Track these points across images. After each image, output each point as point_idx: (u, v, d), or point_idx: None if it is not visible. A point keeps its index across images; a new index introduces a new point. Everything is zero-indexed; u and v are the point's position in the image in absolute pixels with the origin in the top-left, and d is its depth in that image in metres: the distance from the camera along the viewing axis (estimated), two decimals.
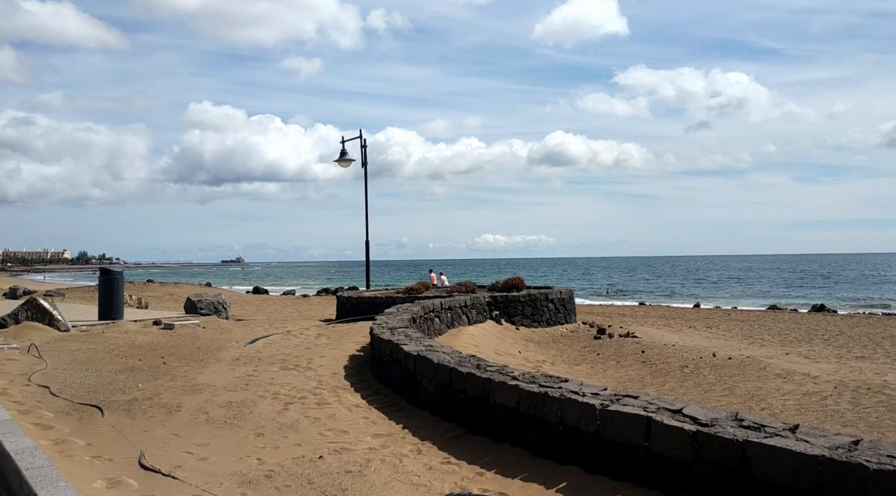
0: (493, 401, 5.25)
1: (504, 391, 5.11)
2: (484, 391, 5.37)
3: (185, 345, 12.31)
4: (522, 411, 4.89)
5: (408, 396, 6.88)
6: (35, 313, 13.66)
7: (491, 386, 5.27)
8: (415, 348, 6.98)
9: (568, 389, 4.80)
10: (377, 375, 8.28)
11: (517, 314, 16.63)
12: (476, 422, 5.50)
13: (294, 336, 14.06)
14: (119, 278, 16.31)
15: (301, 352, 11.22)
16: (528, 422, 4.84)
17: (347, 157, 22.04)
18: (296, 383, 8.18)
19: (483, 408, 5.38)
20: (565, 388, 4.84)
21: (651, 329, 18.10)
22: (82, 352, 11.28)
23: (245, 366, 9.77)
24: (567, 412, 4.50)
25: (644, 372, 11.98)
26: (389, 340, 7.65)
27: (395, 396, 7.20)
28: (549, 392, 4.71)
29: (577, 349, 14.67)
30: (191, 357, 10.82)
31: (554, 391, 4.73)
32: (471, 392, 5.57)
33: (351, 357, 10.41)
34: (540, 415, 4.72)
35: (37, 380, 8.55)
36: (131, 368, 9.57)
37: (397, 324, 9.71)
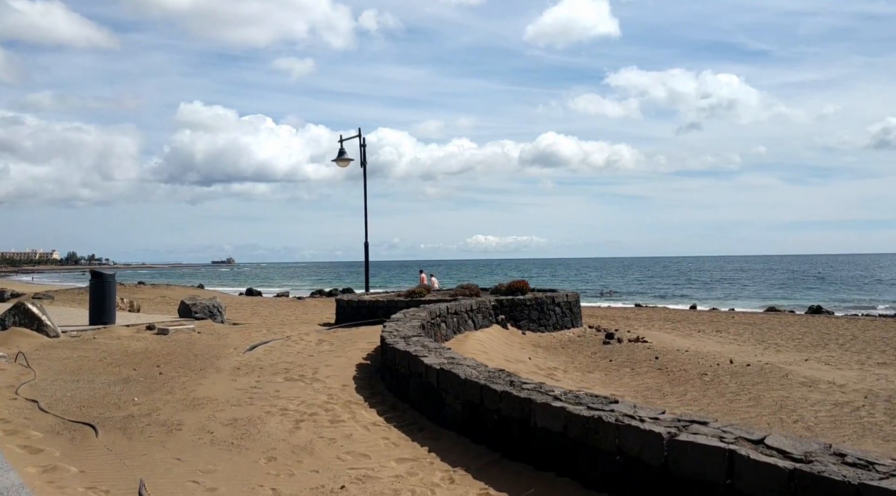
0: (534, 424, 4.72)
1: (548, 413, 4.59)
2: (523, 412, 4.84)
3: (180, 353, 11.75)
4: (571, 437, 4.36)
5: (429, 414, 6.34)
6: (23, 318, 13.05)
7: (532, 407, 4.75)
8: (436, 361, 6.45)
9: (622, 413, 4.28)
10: (391, 388, 7.75)
11: (523, 318, 16.12)
12: (513, 447, 4.97)
13: (294, 342, 13.50)
14: (111, 282, 15.71)
15: (304, 361, 10.67)
16: (579, 449, 4.31)
17: (346, 157, 21.48)
18: (304, 397, 7.63)
19: (522, 431, 4.85)
20: (618, 411, 4.32)
21: (660, 333, 17.62)
22: (73, 360, 10.70)
23: (247, 377, 9.22)
24: (627, 440, 3.98)
25: (662, 380, 11.49)
26: (406, 351, 7.11)
27: (415, 413, 6.67)
28: (603, 416, 4.19)
29: (587, 355, 14.17)
30: (188, 366, 10.26)
31: (607, 415, 4.21)
32: (506, 412, 5.04)
33: (358, 366, 9.87)
34: (593, 442, 4.19)
35: (24, 393, 7.97)
36: (125, 379, 9.01)
37: (409, 331, 9.18)
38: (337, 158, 21.55)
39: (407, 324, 10.25)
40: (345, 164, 21.64)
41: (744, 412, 9.22)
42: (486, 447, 5.29)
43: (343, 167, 21.69)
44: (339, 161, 21.59)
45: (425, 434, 6.00)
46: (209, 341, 13.55)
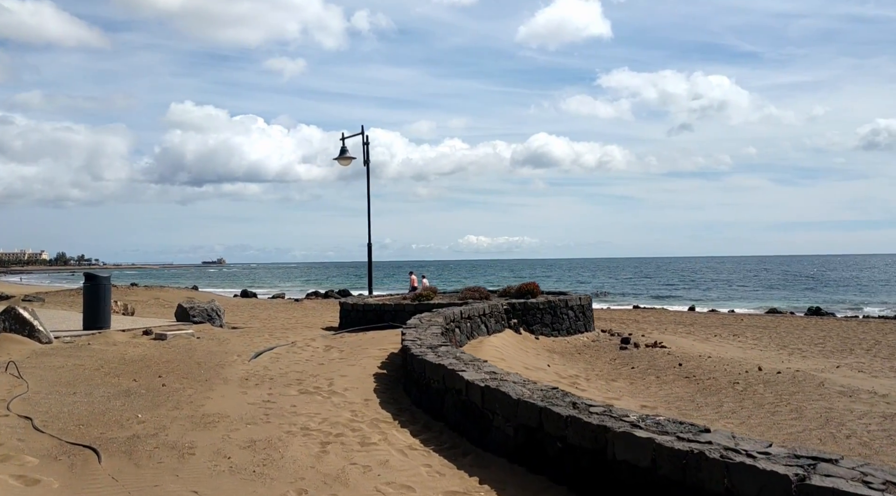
0: (611, 457, 4.08)
1: (630, 444, 3.96)
2: (596, 442, 4.21)
3: (181, 360, 11.08)
4: (662, 474, 3.73)
5: (472, 436, 5.69)
6: (14, 324, 12.33)
7: (609, 436, 4.11)
8: (477, 376, 5.81)
9: (722, 445, 3.66)
10: (419, 403, 7.10)
11: (536, 322, 15.51)
12: (583, 481, 4.33)
13: (300, 348, 12.85)
14: (106, 284, 14.99)
15: (316, 370, 10.02)
16: (673, 489, 3.68)
17: (348, 155, 20.81)
18: (325, 413, 6.98)
19: (595, 463, 4.21)
20: (718, 444, 3.70)
21: (676, 337, 17.05)
22: (67, 369, 10.02)
23: (257, 389, 8.56)
24: (741, 483, 3.35)
25: (691, 389, 10.89)
26: (440, 365, 6.45)
27: (453, 434, 6.02)
28: (705, 451, 3.56)
29: (606, 361, 13.56)
30: (192, 375, 9.59)
31: (708, 449, 3.59)
32: (574, 441, 4.40)
33: (376, 377, 9.23)
34: (694, 481, 3.56)
35: (17, 409, 7.29)
36: (126, 391, 8.33)
37: (433, 340, 8.54)
38: (339, 157, 20.89)
39: (428, 331, 9.62)
40: (346, 163, 20.98)
41: (788, 426, 8.63)
42: (548, 478, 4.65)
43: (345, 165, 21.03)
44: (340, 159, 20.92)
45: (471, 460, 5.35)
46: (210, 347, 12.89)
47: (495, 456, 5.26)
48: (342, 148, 20.88)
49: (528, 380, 5.65)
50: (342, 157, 20.82)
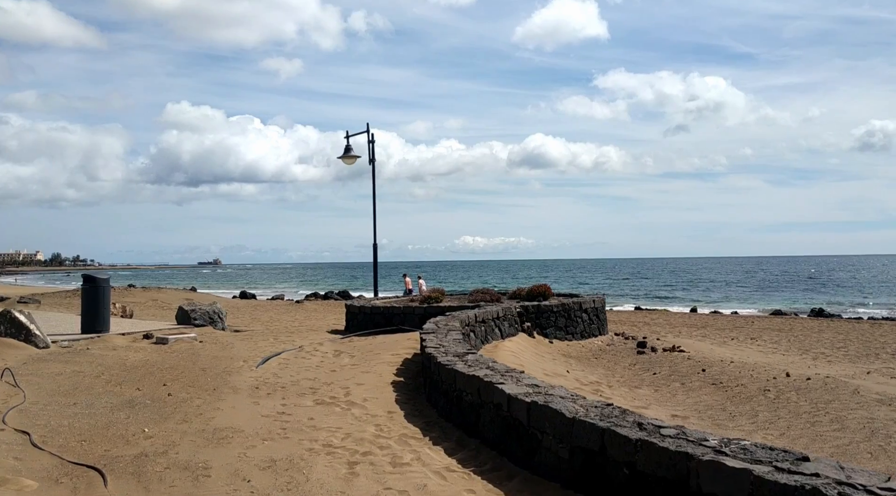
0: (696, 489, 3.56)
1: (720, 476, 3.44)
2: (675, 470, 3.69)
3: (185, 367, 10.57)
4: None
5: (515, 456, 5.16)
6: (9, 327, 11.80)
7: (692, 465, 3.61)
8: (519, 390, 5.28)
9: (833, 479, 3.16)
10: (447, 416, 6.57)
11: (549, 326, 15.01)
12: None
13: (309, 353, 12.34)
14: (105, 287, 14.46)
15: (329, 378, 9.51)
16: None
17: (352, 154, 20.29)
18: (346, 427, 6.47)
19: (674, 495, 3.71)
20: (824, 475, 3.19)
21: (692, 341, 16.57)
22: (66, 376, 9.49)
23: (270, 399, 8.05)
24: None
25: (720, 397, 10.40)
26: (473, 376, 5.92)
27: (492, 453, 5.48)
28: (820, 488, 3.06)
29: (625, 367, 13.07)
30: (198, 384, 9.07)
31: (825, 486, 3.08)
32: (646, 468, 3.88)
33: (394, 385, 8.73)
34: None
35: (13, 422, 6.77)
36: (130, 402, 7.81)
37: (456, 346, 8.03)
38: (343, 155, 20.38)
39: (449, 337, 9.11)
40: (351, 162, 20.46)
41: (833, 438, 8.14)
42: None
43: (349, 164, 20.51)
44: (345, 158, 20.41)
45: (518, 484, 4.83)
46: (214, 352, 12.38)
47: (546, 480, 4.74)
48: (347, 146, 20.37)
49: (576, 395, 5.14)
50: (347, 155, 20.30)
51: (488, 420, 5.54)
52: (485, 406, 5.64)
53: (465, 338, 11.11)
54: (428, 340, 8.53)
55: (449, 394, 6.49)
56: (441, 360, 6.87)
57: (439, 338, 8.78)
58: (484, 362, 6.60)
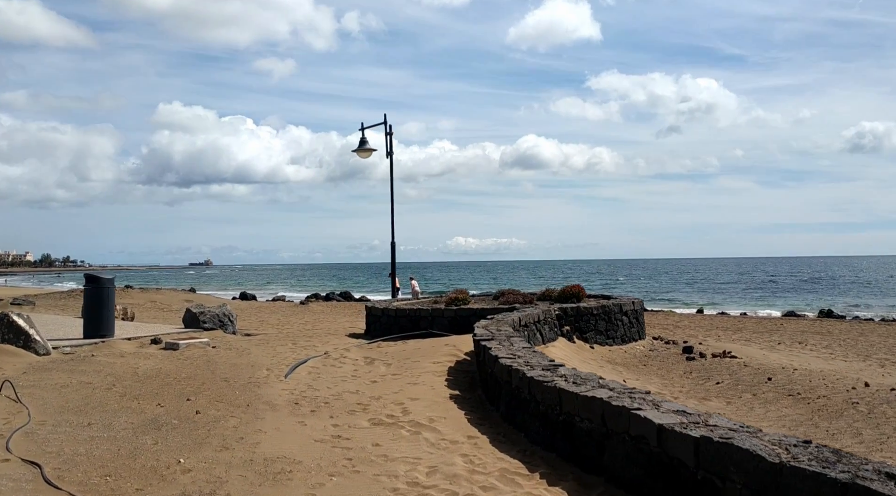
0: None
1: None
2: None
3: (204, 376, 9.46)
4: None
5: None
6: (7, 333, 10.65)
7: None
8: (669, 419, 4.13)
9: None
10: (547, 443, 5.41)
11: (589, 329, 13.93)
12: None
13: (338, 361, 11.25)
14: (109, 287, 13.32)
15: (373, 390, 8.41)
16: None
17: (368, 147, 19.17)
18: (425, 456, 5.36)
19: None
20: None
21: (738, 345, 15.52)
22: (74, 389, 8.36)
23: (316, 418, 6.94)
24: None
25: (803, 410, 9.35)
26: (593, 398, 4.72)
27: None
28: None
29: (680, 375, 12.01)
30: (226, 398, 7.96)
31: None
32: None
33: (455, 399, 7.64)
34: None
35: (19, 449, 5.64)
36: (154, 421, 6.69)
37: (533, 357, 6.93)
38: (358, 149, 19.26)
39: (516, 345, 8.00)
40: (366, 155, 19.34)
41: None
42: None
43: (365, 158, 19.40)
44: (360, 151, 19.29)
45: None
46: (231, 359, 11.28)
47: None
48: (362, 139, 19.24)
49: (741, 425, 4.07)
50: (362, 148, 19.18)
51: (621, 455, 4.43)
52: (614, 437, 4.52)
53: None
54: (494, 348, 7.42)
55: (548, 418, 5.38)
56: (532, 375, 5.75)
57: (507, 347, 7.67)
58: (591, 378, 5.50)
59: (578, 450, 4.92)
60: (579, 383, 5.26)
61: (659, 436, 4.04)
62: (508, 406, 6.36)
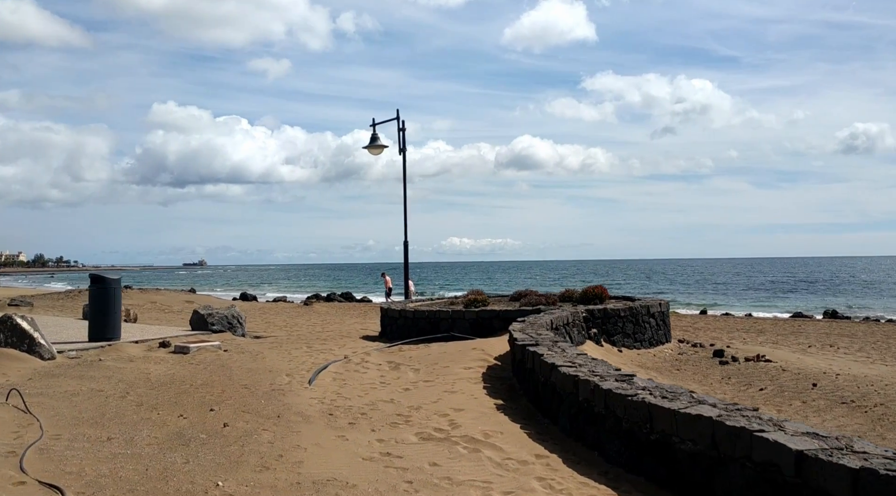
0: None
1: None
2: None
3: (222, 383, 8.87)
4: None
5: None
6: (10, 336, 10.03)
7: None
8: (804, 444, 3.52)
9: None
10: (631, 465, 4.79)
11: (617, 332, 13.36)
12: None
13: (360, 366, 10.66)
14: (116, 288, 12.72)
15: (408, 399, 7.82)
16: None
17: (379, 143, 18.56)
18: (496, 480, 4.77)
19: None
20: None
21: (767, 348, 14.96)
22: (85, 397, 7.76)
23: (356, 431, 6.34)
24: None
25: (861, 419, 8.80)
26: (699, 416, 4.12)
27: None
28: None
29: (717, 380, 11.46)
30: (252, 408, 7.36)
31: None
32: None
33: (503, 409, 7.06)
34: None
35: (34, 468, 5.03)
36: (179, 435, 6.09)
37: (599, 365, 6.34)
38: (369, 145, 18.66)
39: (569, 351, 7.42)
40: (378, 151, 18.74)
41: None
42: None
43: (376, 154, 18.81)
44: (371, 148, 18.69)
45: None
46: (246, 364, 10.68)
47: None
48: (373, 135, 18.63)
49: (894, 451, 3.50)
50: (373, 145, 18.58)
51: (740, 484, 3.76)
52: (729, 463, 3.90)
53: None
54: (547, 355, 6.82)
55: (634, 437, 4.76)
56: (609, 388, 5.13)
57: (560, 353, 7.08)
58: (679, 392, 4.91)
59: (679, 476, 4.32)
60: (671, 398, 4.67)
61: (798, 465, 3.45)
62: (574, 420, 5.77)
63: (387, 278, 33.55)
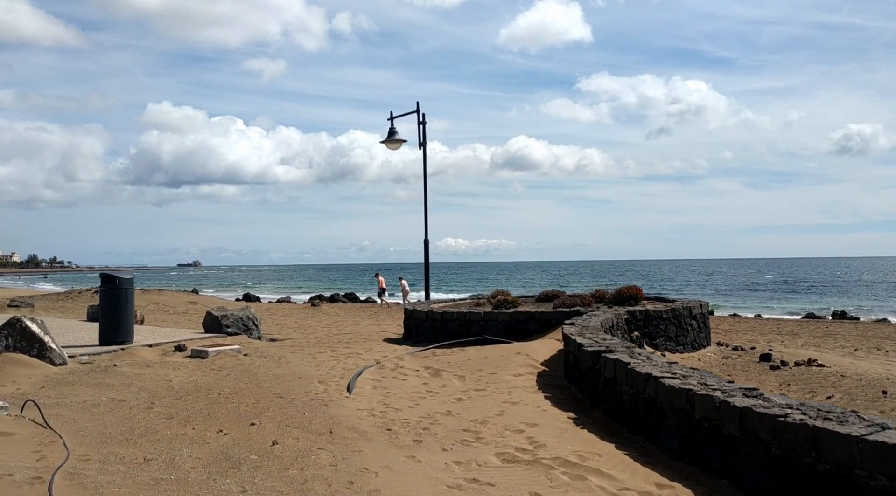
0: None
1: None
2: None
3: (251, 391, 8.11)
4: None
5: None
6: (19, 340, 9.24)
7: None
8: None
9: None
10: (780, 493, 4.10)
11: (659, 335, 12.62)
12: None
13: (396, 371, 9.91)
14: (129, 288, 11.96)
15: (468, 411, 7.07)
16: None
17: (397, 138, 17.79)
18: None
19: None
20: None
21: (811, 351, 14.26)
22: (107, 408, 6.98)
23: (426, 450, 5.58)
24: None
25: None
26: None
27: None
28: None
29: (776, 387, 10.71)
30: (296, 421, 6.60)
31: None
32: None
33: (580, 424, 6.30)
34: None
35: None
36: (225, 456, 5.31)
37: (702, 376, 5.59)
38: (386, 140, 17.89)
39: (658, 360, 6.67)
40: (396, 146, 17.97)
41: None
42: None
43: (394, 149, 18.02)
44: (388, 142, 17.92)
45: None
46: (270, 369, 9.92)
47: None
48: (391, 129, 17.85)
49: None
50: (391, 139, 17.80)
51: None
52: None
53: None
54: (636, 364, 6.06)
55: (792, 467, 3.95)
56: (747, 406, 4.36)
57: (646, 361, 6.32)
58: (842, 412, 4.16)
59: None
60: (837, 420, 3.92)
61: None
62: (686, 441, 5.01)
63: (380, 279, 33.40)
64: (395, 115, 17.80)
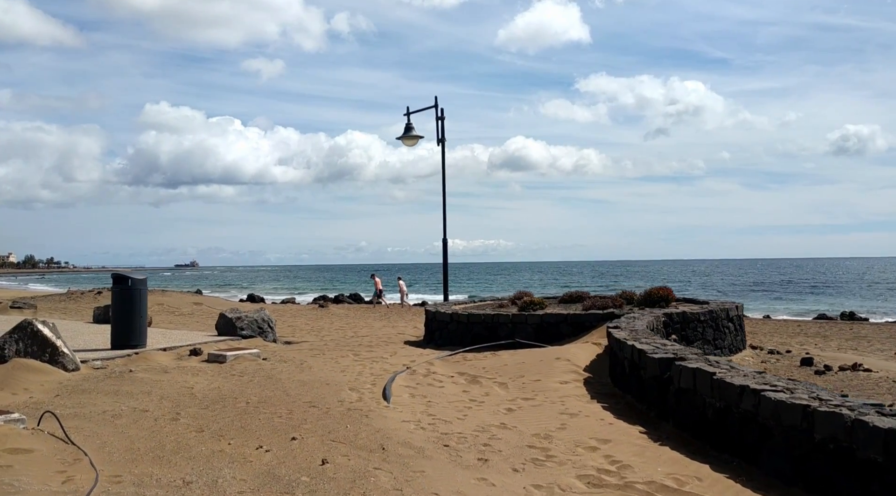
0: None
1: None
2: None
3: (280, 399, 7.55)
4: None
5: None
6: (30, 344, 8.64)
7: None
8: None
9: None
10: None
11: (696, 338, 12.06)
12: None
13: (429, 378, 9.37)
14: (142, 289, 11.36)
15: (524, 423, 6.50)
16: None
17: (414, 134, 17.22)
18: None
19: None
20: None
21: (850, 355, 13.74)
22: (130, 419, 6.39)
23: (496, 471, 5.00)
24: None
25: None
26: None
27: None
28: None
29: None
30: (340, 435, 6.01)
31: None
32: None
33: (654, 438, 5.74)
34: None
35: None
36: (272, 477, 4.74)
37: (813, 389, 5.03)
38: (403, 135, 17.32)
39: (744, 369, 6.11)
40: (413, 142, 17.40)
41: None
42: None
43: (411, 145, 17.46)
44: (405, 138, 17.35)
45: None
46: (294, 375, 9.35)
47: None
48: (407, 125, 17.28)
49: None
50: (407, 135, 17.23)
51: None
52: None
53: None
54: (722, 374, 5.49)
55: None
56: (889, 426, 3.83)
57: (728, 370, 5.76)
58: None
59: None
60: None
61: None
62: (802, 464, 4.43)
63: (377, 279, 33.17)
64: (411, 110, 17.22)
